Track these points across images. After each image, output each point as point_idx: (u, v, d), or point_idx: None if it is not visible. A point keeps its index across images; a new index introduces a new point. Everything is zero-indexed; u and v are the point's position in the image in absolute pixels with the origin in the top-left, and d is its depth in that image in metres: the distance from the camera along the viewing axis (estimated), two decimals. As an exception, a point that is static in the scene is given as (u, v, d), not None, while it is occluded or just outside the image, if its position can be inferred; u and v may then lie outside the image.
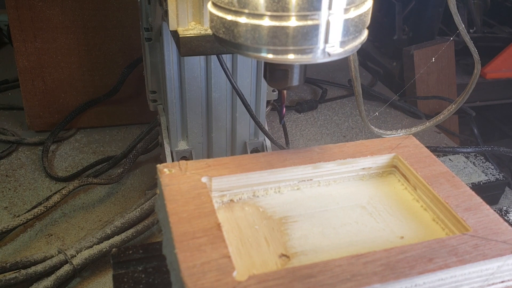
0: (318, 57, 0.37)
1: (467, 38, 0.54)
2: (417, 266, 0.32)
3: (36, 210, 0.66)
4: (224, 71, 0.62)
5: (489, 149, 0.81)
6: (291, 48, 0.36)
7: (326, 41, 0.36)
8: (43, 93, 0.93)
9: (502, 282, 0.36)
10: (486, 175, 0.86)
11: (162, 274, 0.40)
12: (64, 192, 0.68)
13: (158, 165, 0.40)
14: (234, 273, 0.31)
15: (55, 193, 0.73)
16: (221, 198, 0.41)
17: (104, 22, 0.90)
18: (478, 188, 0.85)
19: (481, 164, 0.89)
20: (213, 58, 0.67)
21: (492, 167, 0.88)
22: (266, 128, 0.79)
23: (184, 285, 0.30)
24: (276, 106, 1.09)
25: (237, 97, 0.68)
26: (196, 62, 0.68)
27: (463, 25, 0.57)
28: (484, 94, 1.44)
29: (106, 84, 0.95)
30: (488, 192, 0.86)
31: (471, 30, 1.42)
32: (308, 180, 0.44)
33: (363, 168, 0.45)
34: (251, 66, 0.71)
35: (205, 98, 0.72)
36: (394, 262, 0.32)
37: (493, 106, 1.49)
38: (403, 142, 0.46)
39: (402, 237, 0.38)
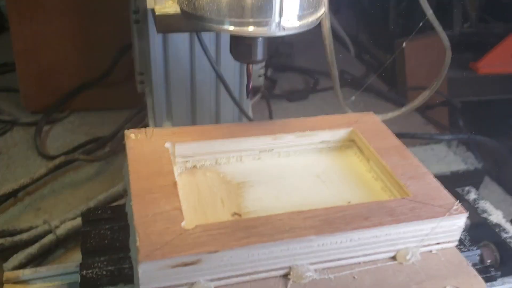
0: (273, 30, 0.39)
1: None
2: (352, 223, 0.35)
3: (22, 181, 0.69)
4: (204, 51, 0.65)
5: (466, 136, 0.83)
6: (247, 20, 0.39)
7: (280, 15, 0.39)
8: (38, 74, 0.96)
9: (438, 243, 0.38)
10: (465, 164, 0.88)
11: (126, 232, 0.43)
12: (50, 166, 0.72)
13: (126, 131, 0.43)
14: (183, 223, 0.34)
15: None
16: (184, 164, 0.44)
17: (98, 6, 0.93)
18: (457, 176, 0.87)
19: (462, 153, 0.91)
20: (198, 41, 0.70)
21: (473, 156, 0.90)
22: (250, 113, 0.82)
23: (135, 233, 0.33)
24: (265, 95, 1.11)
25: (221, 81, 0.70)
26: (180, 44, 0.70)
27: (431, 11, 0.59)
28: (477, 89, 1.45)
29: (99, 67, 0.98)
30: (467, 181, 0.88)
31: (465, 25, 1.44)
32: (269, 151, 0.46)
33: (321, 141, 0.47)
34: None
35: (190, 81, 0.75)
36: (332, 219, 0.35)
37: (486, 101, 1.50)
38: (362, 118, 0.49)
39: (349, 202, 0.41)
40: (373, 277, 0.36)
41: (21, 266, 0.62)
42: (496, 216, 0.53)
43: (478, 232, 0.52)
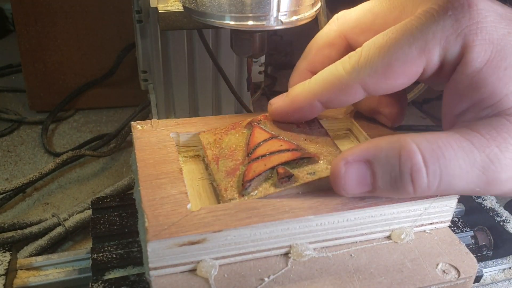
0: (272, 24, 0.41)
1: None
2: (349, 204, 0.37)
3: (31, 176, 0.71)
4: (206, 48, 0.67)
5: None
6: (247, 15, 0.41)
7: (278, 10, 0.41)
8: (44, 74, 0.99)
9: (431, 223, 0.40)
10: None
11: (134, 218, 0.45)
12: (58, 161, 0.74)
13: (132, 122, 0.45)
14: (188, 206, 0.36)
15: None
16: (188, 153, 0.46)
17: (101, 7, 0.95)
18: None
19: (458, 145, 0.93)
20: (198, 36, 0.72)
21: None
22: (251, 107, 0.84)
23: (144, 214, 0.35)
24: (266, 91, 1.13)
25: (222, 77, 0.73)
26: (181, 40, 0.72)
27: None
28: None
29: (103, 67, 1.00)
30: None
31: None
32: (269, 140, 0.48)
33: (320, 130, 0.49)
34: (234, 46, 0.76)
35: (191, 77, 0.77)
36: (329, 200, 0.37)
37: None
38: (359, 108, 0.51)
39: (346, 186, 0.42)
40: (369, 255, 0.38)
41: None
42: (489, 201, 0.55)
43: (473, 217, 0.54)
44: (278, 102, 0.42)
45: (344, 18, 0.42)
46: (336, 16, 0.43)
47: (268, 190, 0.37)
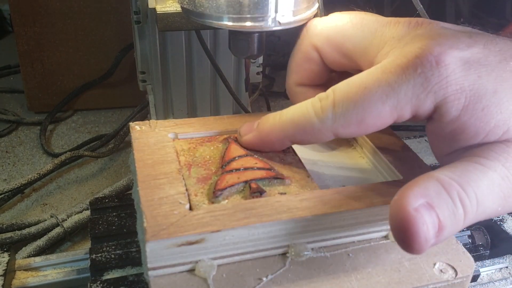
0: (269, 25, 0.42)
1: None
2: (346, 204, 0.37)
3: (29, 176, 0.71)
4: (204, 49, 0.67)
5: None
6: (245, 16, 0.41)
7: (276, 11, 0.41)
8: (42, 75, 0.99)
9: (428, 223, 0.40)
10: (459, 155, 0.91)
11: (133, 218, 0.45)
12: (56, 161, 0.74)
13: (131, 123, 0.45)
14: (187, 206, 0.36)
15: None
16: (187, 153, 0.46)
17: (100, 8, 0.95)
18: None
19: (456, 145, 0.93)
20: (196, 37, 0.72)
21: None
22: (249, 108, 0.84)
23: (142, 214, 0.35)
24: (263, 92, 1.14)
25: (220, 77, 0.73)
26: (179, 41, 0.73)
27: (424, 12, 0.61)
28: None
29: (101, 68, 1.01)
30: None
31: (458, 22, 1.46)
32: (267, 141, 0.48)
33: (318, 130, 0.49)
34: (232, 47, 0.76)
35: (190, 78, 0.77)
36: (327, 200, 0.37)
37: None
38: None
39: (343, 186, 0.43)
40: (367, 254, 0.38)
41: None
42: (486, 201, 0.55)
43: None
44: (248, 136, 0.43)
45: (314, 32, 0.44)
46: (305, 28, 0.45)
47: (238, 202, 0.38)
